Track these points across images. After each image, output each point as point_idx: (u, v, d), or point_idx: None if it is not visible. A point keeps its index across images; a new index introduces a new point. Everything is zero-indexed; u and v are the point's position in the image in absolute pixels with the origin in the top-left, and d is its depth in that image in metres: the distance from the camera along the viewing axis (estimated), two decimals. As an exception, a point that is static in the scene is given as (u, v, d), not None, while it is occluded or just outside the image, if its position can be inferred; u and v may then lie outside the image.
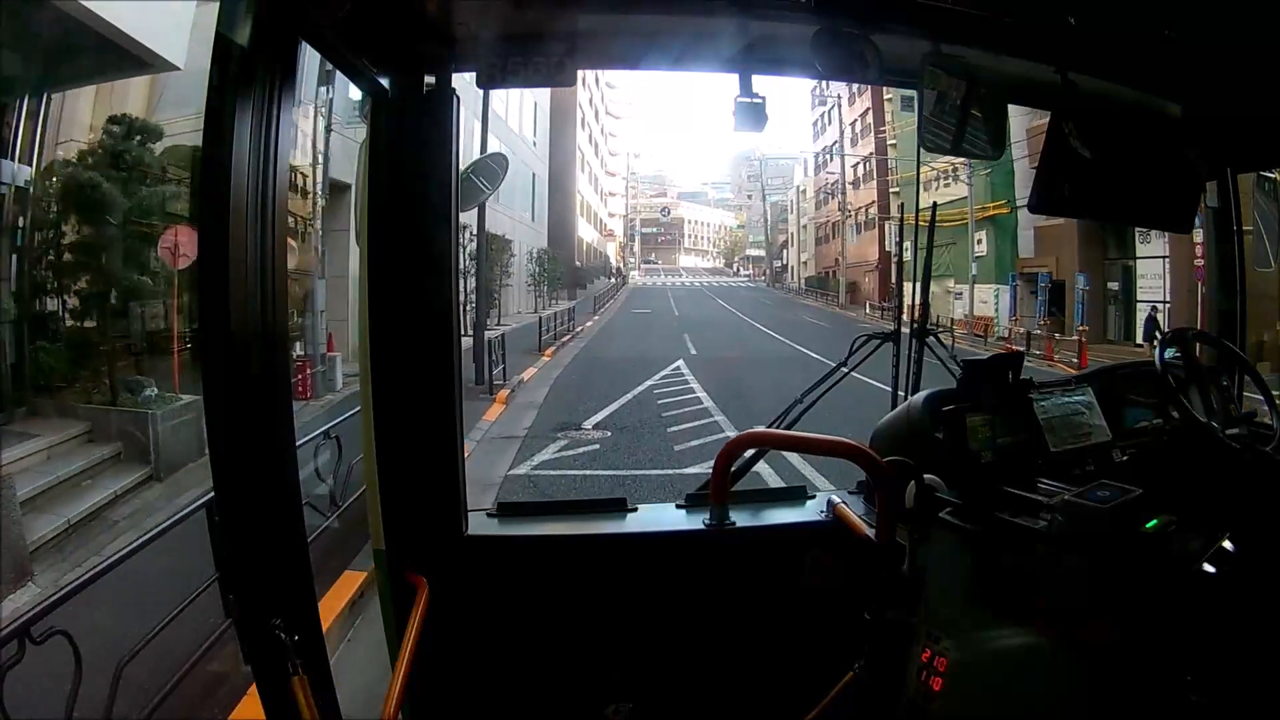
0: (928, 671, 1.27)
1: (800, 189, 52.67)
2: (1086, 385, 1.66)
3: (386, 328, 1.56)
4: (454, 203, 1.61)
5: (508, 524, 1.79)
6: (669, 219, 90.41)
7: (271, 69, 0.97)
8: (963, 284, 21.99)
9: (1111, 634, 1.09)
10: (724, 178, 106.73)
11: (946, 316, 20.65)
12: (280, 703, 1.00)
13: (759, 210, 68.32)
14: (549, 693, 1.72)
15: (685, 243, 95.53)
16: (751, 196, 70.72)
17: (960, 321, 20.13)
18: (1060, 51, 1.57)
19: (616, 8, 1.58)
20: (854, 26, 1.44)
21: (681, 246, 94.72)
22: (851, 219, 35.96)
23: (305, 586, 1.10)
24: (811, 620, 1.68)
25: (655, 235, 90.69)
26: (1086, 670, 1.10)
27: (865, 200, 34.35)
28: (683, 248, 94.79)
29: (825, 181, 43.18)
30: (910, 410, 1.65)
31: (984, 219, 21.71)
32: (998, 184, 21.03)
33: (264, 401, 1.01)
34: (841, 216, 36.67)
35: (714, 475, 1.69)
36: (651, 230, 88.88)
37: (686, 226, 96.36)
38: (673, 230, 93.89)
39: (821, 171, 44.35)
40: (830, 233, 41.71)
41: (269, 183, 0.97)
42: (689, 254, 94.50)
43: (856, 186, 36.07)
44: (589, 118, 50.12)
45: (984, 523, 1.25)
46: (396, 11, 1.45)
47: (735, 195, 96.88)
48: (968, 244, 21.48)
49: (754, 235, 76.72)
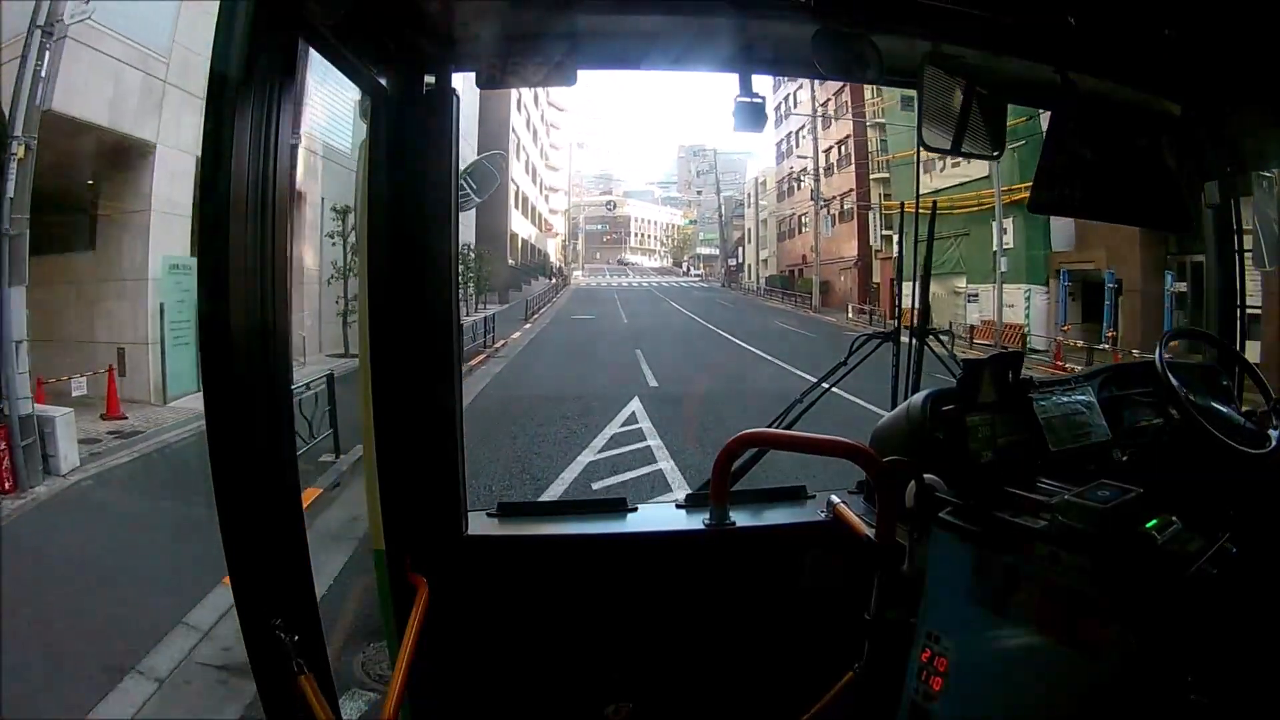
0: (928, 671, 1.27)
1: (759, 180, 48.01)
2: (1086, 385, 1.66)
3: (386, 328, 1.56)
4: (453, 203, 1.61)
5: (508, 524, 1.79)
6: (614, 213, 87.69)
7: (271, 69, 0.97)
8: (977, 284, 18.25)
9: (1111, 634, 1.08)
10: (670, 176, 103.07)
11: (955, 322, 17.16)
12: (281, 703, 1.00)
13: (711, 205, 64.54)
14: (549, 693, 1.72)
15: (632, 241, 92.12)
16: (701, 192, 67.48)
17: (981, 329, 16.89)
18: (1060, 51, 1.57)
19: (616, 8, 1.58)
20: (854, 26, 1.45)
21: (628, 245, 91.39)
22: (825, 210, 31.04)
23: (305, 586, 1.10)
24: (811, 620, 1.68)
25: (600, 233, 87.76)
26: (1086, 670, 1.10)
27: (840, 189, 30.01)
28: (629, 246, 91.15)
29: (790, 171, 39.01)
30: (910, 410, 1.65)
31: (1010, 204, 16.09)
32: (1027, 161, 13.79)
33: (264, 401, 1.01)
34: (814, 207, 31.60)
35: (714, 475, 1.69)
36: (596, 227, 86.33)
37: (633, 224, 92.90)
38: (619, 228, 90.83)
39: (785, 160, 40.13)
40: (796, 226, 38.20)
41: (269, 183, 0.97)
42: (636, 253, 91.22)
43: (829, 174, 31.60)
44: (526, 99, 43.16)
45: (984, 523, 1.25)
46: (396, 11, 1.45)
47: (683, 192, 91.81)
48: (987, 235, 17.02)
49: (706, 233, 73.23)
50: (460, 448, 1.67)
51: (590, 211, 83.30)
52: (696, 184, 72.16)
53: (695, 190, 71.94)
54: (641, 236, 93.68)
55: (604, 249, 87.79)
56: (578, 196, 68.19)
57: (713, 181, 62.72)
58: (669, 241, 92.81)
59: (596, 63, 1.78)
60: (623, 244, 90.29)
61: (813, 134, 32.35)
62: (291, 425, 1.09)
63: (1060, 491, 1.22)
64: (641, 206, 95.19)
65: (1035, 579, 1.17)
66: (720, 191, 59.67)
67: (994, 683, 1.22)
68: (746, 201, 53.02)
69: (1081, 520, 1.14)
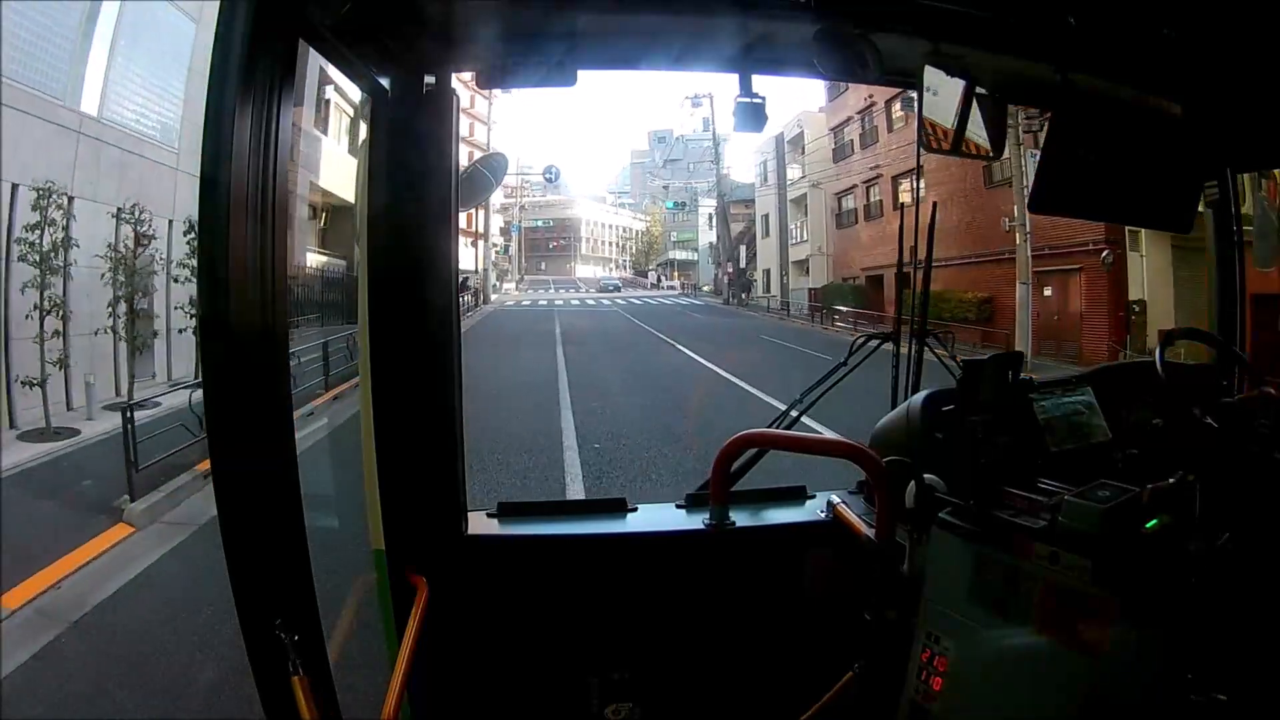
0: (928, 671, 1.28)
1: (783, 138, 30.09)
2: (1086, 385, 1.66)
3: (386, 328, 1.56)
4: (454, 202, 1.61)
5: (508, 524, 1.79)
6: (565, 217, 70.80)
7: (271, 69, 0.97)
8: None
9: (1111, 634, 1.09)
10: (623, 184, 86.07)
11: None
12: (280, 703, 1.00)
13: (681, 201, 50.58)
14: (549, 693, 1.72)
15: (583, 249, 73.96)
16: (669, 186, 52.21)
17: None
18: (1060, 51, 1.57)
19: (616, 8, 1.58)
20: (854, 26, 1.45)
21: (579, 253, 72.95)
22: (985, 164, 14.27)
23: (305, 586, 1.10)
24: (811, 620, 1.68)
25: (546, 240, 71.49)
26: (1086, 670, 1.10)
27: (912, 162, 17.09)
28: (580, 254, 72.93)
29: (870, 102, 22.70)
30: (910, 410, 1.65)
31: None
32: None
33: (264, 401, 1.01)
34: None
35: (713, 475, 1.69)
36: (538, 224, 68.35)
37: (584, 228, 74.58)
38: (567, 233, 72.51)
39: (842, 97, 24.52)
40: (887, 200, 22.04)
41: (269, 183, 0.97)
42: (588, 262, 72.30)
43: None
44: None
45: (984, 523, 1.25)
46: (396, 11, 1.45)
47: (637, 198, 77.59)
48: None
49: (680, 233, 59.12)
50: (460, 448, 1.67)
51: (534, 213, 65.64)
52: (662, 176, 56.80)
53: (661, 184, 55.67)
54: (595, 243, 75.96)
55: (550, 258, 71.27)
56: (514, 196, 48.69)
57: (682, 170, 51.05)
58: (630, 248, 76.36)
59: (596, 63, 1.78)
60: (573, 252, 72.89)
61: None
62: (291, 425, 1.09)
63: (1060, 491, 1.22)
64: (594, 208, 77.55)
65: (1035, 579, 1.17)
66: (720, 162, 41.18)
67: (994, 683, 1.22)
68: (759, 178, 34.64)
69: (1081, 520, 1.14)
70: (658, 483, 6.43)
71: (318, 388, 10.22)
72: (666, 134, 67.14)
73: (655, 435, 8.16)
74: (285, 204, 1.02)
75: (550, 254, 71.06)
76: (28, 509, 5.62)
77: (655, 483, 6.45)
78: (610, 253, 76.27)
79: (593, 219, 75.67)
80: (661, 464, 7.05)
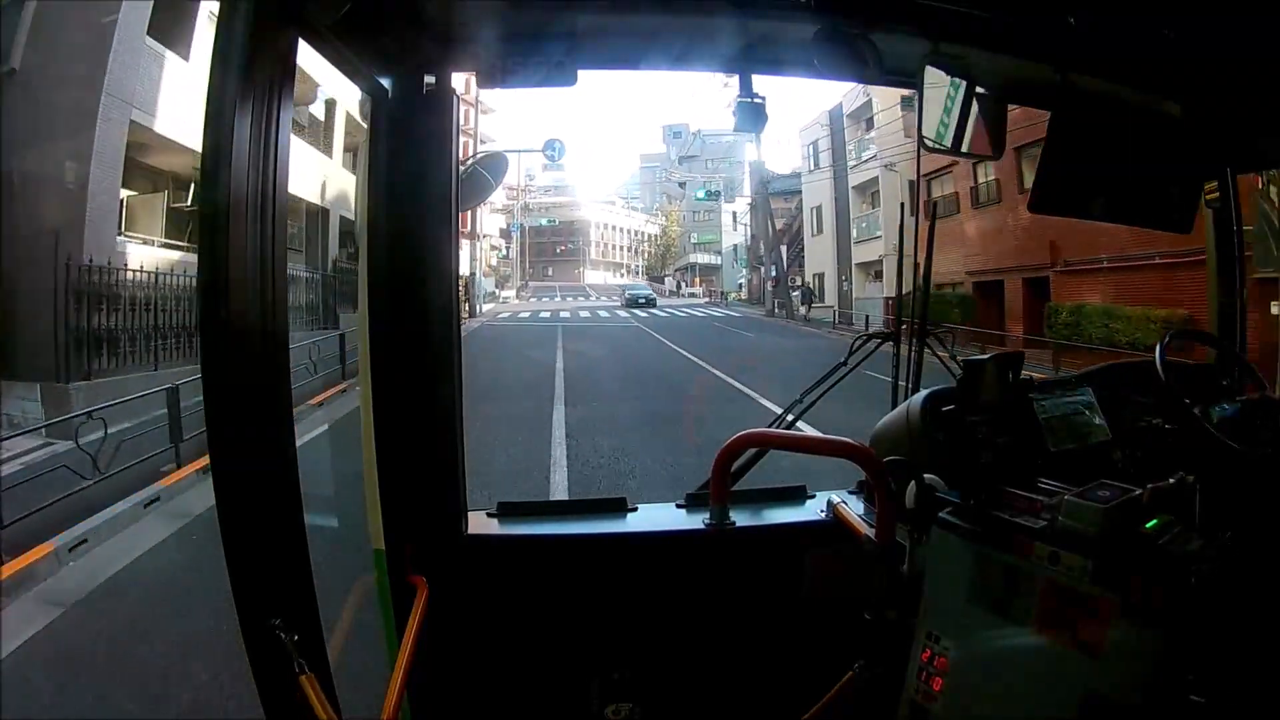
0: (928, 671, 1.27)
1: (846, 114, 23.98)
2: (1086, 385, 1.66)
3: (386, 328, 1.56)
4: (454, 202, 1.61)
5: (508, 524, 1.79)
6: (573, 218, 65.45)
7: (271, 69, 0.97)
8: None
9: (1111, 634, 1.08)
10: (632, 189, 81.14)
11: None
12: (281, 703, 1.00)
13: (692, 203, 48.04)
14: (549, 693, 1.72)
15: (593, 253, 67.74)
16: (685, 185, 48.86)
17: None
18: (1060, 51, 1.57)
19: (616, 8, 1.58)
20: (854, 26, 1.45)
21: (588, 258, 66.64)
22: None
23: (305, 586, 1.10)
24: (811, 620, 1.68)
25: (553, 244, 65.45)
26: (1086, 670, 1.10)
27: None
28: (589, 259, 66.88)
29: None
30: (910, 410, 1.64)
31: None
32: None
33: (264, 401, 1.01)
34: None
35: (714, 475, 1.69)
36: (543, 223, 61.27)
37: (594, 231, 68.11)
38: (575, 236, 66.40)
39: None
40: (992, 185, 17.05)
41: (269, 183, 0.97)
42: (598, 267, 66.60)
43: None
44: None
45: (984, 523, 1.25)
46: (395, 11, 1.45)
47: (646, 203, 74.03)
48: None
49: (701, 235, 53.92)
50: (460, 447, 1.67)
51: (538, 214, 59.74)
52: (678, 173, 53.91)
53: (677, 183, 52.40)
54: (605, 247, 69.93)
55: (557, 263, 65.37)
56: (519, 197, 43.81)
57: (699, 167, 47.46)
58: (643, 252, 71.16)
59: (596, 63, 1.78)
60: (581, 257, 66.93)
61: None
62: (291, 425, 1.09)
63: (1060, 491, 1.22)
64: (604, 210, 71.81)
65: (1035, 579, 1.17)
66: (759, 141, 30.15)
67: (994, 683, 1.22)
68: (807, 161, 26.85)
69: (1081, 520, 1.14)
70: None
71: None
72: (682, 128, 63.84)
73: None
74: (286, 204, 1.02)
75: (557, 258, 66.04)
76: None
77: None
78: (622, 257, 71.32)
79: (603, 221, 70.28)
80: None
